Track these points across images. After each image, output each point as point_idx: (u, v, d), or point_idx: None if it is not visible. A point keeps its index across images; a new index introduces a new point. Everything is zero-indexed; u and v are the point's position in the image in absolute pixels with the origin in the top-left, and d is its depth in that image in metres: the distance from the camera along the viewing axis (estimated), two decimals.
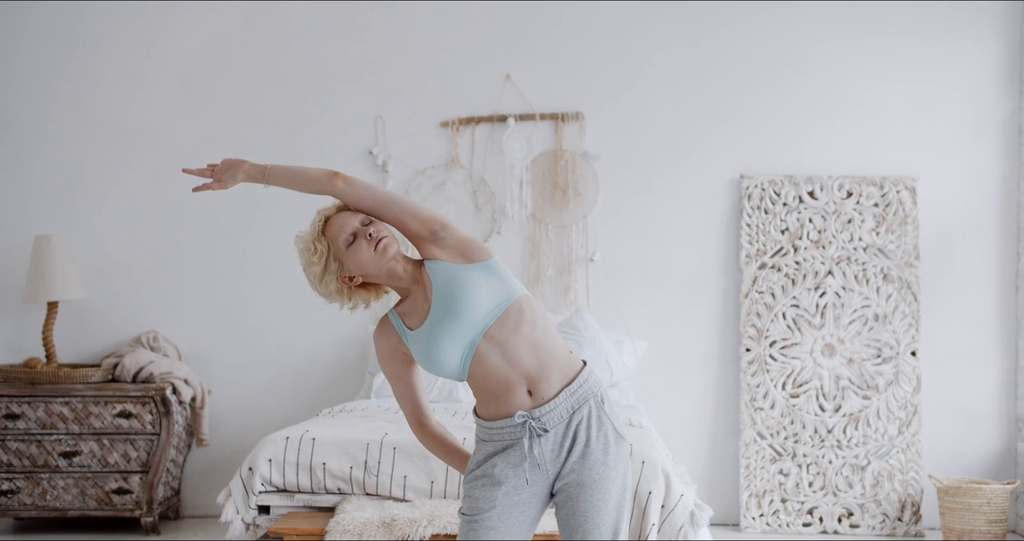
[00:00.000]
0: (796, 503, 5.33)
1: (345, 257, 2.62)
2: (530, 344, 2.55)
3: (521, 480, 2.54)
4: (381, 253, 2.61)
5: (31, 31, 5.60)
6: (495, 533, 2.53)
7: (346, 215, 2.65)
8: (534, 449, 2.52)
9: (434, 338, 2.56)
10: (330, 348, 5.58)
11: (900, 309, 5.36)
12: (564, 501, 2.57)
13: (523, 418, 2.52)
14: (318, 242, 2.63)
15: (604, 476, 2.54)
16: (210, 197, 5.59)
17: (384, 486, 3.90)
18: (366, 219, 2.65)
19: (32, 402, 5.13)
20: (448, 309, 2.55)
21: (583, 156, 5.50)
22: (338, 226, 2.63)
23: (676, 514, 3.74)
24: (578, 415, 2.55)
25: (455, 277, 2.58)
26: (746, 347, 5.41)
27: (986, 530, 4.93)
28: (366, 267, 2.62)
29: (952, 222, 5.45)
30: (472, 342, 2.54)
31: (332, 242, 2.62)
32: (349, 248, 2.61)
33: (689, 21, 5.52)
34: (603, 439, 2.56)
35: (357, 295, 2.69)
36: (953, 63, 5.46)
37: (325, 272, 2.63)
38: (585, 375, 2.59)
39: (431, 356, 2.57)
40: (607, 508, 2.55)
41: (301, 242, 2.66)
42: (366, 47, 5.59)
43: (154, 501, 5.12)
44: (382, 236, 2.61)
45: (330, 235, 2.63)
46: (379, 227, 2.64)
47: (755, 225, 5.43)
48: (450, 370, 2.57)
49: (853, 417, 5.33)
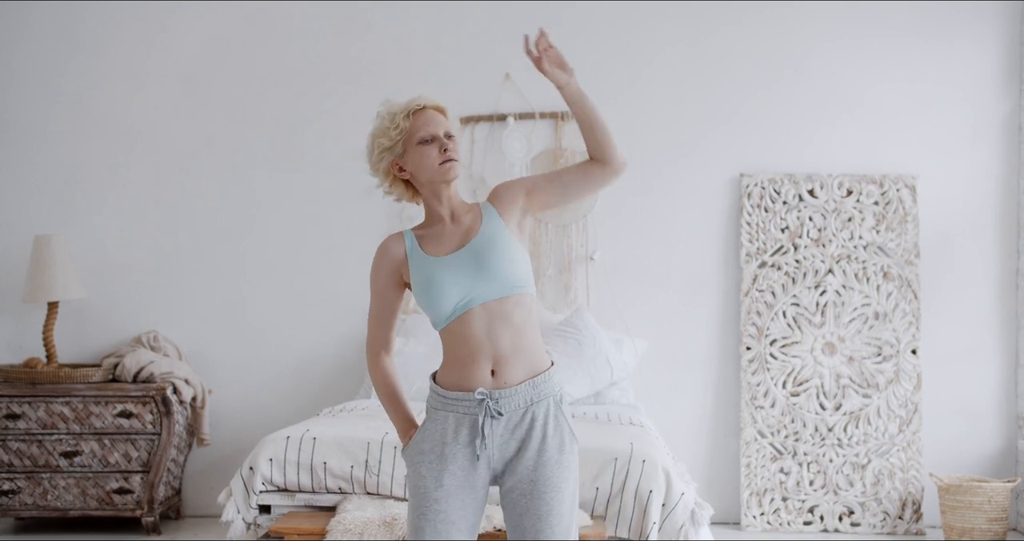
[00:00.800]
0: (797, 502, 5.33)
1: (412, 150, 2.61)
2: (514, 331, 2.55)
3: (468, 459, 2.53)
4: (443, 169, 2.60)
5: (31, 30, 5.61)
6: (444, 516, 2.51)
7: (439, 116, 2.64)
8: (485, 428, 2.51)
9: (447, 274, 2.55)
10: (330, 348, 5.58)
11: (900, 307, 5.36)
12: (517, 500, 2.54)
13: (482, 396, 2.51)
14: (404, 119, 2.61)
15: (558, 475, 2.53)
16: (210, 197, 5.61)
17: (385, 485, 3.90)
18: (452, 132, 2.63)
19: (33, 402, 5.13)
20: (477, 259, 2.55)
21: (583, 155, 5.50)
22: (425, 120, 2.62)
23: (677, 513, 3.74)
24: (536, 409, 2.54)
25: (502, 238, 2.58)
26: (746, 346, 5.41)
27: (987, 528, 4.93)
28: (422, 171, 2.61)
29: (952, 220, 5.45)
30: (471, 301, 2.54)
31: (412, 128, 2.61)
32: (420, 145, 2.60)
33: (689, 20, 5.52)
34: (558, 438, 2.55)
35: (397, 185, 2.69)
36: (953, 62, 5.46)
37: (390, 150, 2.63)
38: (551, 373, 2.60)
39: (432, 287, 2.55)
40: (560, 509, 2.53)
41: (387, 110, 2.63)
42: (366, 46, 5.59)
43: (155, 501, 5.12)
44: (453, 158, 2.60)
45: (415, 122, 2.61)
46: (456, 147, 2.62)
47: (755, 223, 5.44)
48: (436, 310, 2.56)
49: (854, 415, 5.33)
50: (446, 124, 2.64)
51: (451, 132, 2.63)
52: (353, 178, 5.58)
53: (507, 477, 2.55)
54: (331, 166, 5.60)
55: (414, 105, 2.62)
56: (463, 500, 2.53)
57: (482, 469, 2.54)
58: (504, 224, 2.61)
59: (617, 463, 3.80)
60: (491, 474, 2.57)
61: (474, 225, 2.62)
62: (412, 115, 2.61)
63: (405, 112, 2.61)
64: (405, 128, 2.60)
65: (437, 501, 2.51)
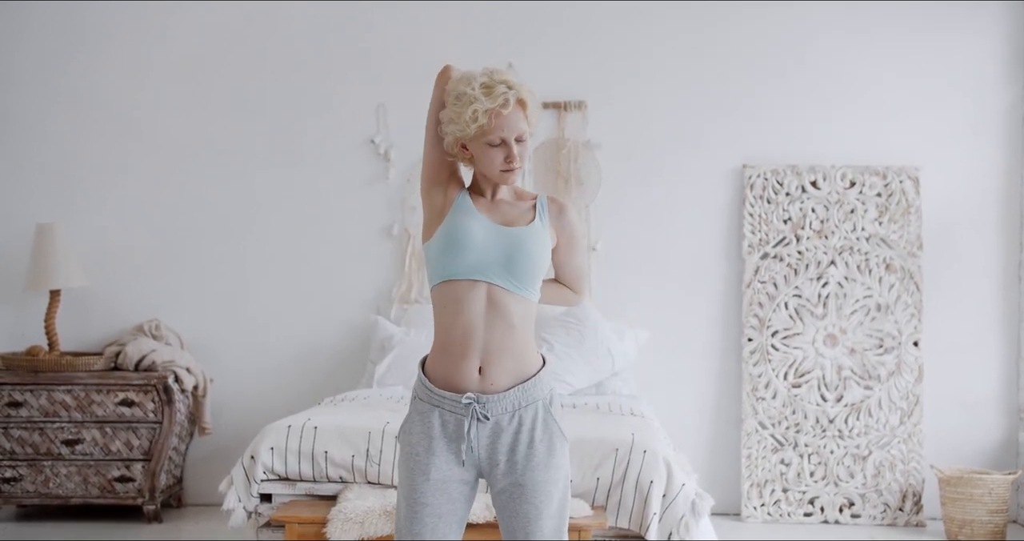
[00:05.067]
0: (797, 493, 5.33)
1: (480, 144, 2.53)
2: (508, 327, 2.52)
3: (455, 455, 2.52)
4: (502, 176, 2.56)
5: (34, 23, 5.60)
6: (431, 510, 2.51)
7: (519, 116, 2.53)
8: (471, 432, 2.50)
9: (480, 233, 2.52)
10: (332, 337, 5.59)
11: (902, 299, 5.35)
12: (507, 502, 2.53)
13: (469, 401, 2.49)
14: (483, 115, 2.49)
15: (547, 478, 2.52)
16: (212, 186, 5.60)
17: (386, 474, 3.90)
18: (524, 135, 2.55)
19: (35, 390, 5.14)
20: (512, 244, 2.52)
21: (585, 145, 5.49)
22: (501, 124, 2.51)
23: (677, 504, 3.74)
24: (524, 413, 2.52)
25: (543, 244, 2.57)
26: (748, 337, 5.40)
27: (987, 520, 4.93)
28: (482, 165, 2.56)
29: (955, 212, 5.44)
30: (482, 273, 2.50)
31: (488, 127, 2.50)
32: (489, 146, 2.53)
33: (692, 10, 5.50)
34: (547, 441, 2.53)
35: (457, 148, 2.58)
36: (956, 54, 5.45)
37: (462, 130, 2.52)
38: (542, 375, 2.57)
39: (459, 231, 2.51)
40: (549, 510, 2.52)
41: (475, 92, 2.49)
42: (369, 36, 5.58)
43: (156, 489, 5.13)
44: (515, 167, 2.55)
45: (493, 122, 2.50)
46: (523, 155, 2.55)
47: (757, 215, 5.43)
48: (449, 258, 2.52)
49: (855, 407, 5.33)
50: (522, 125, 2.54)
51: (524, 136, 2.54)
52: (355, 166, 5.59)
53: (497, 479, 2.54)
54: (333, 154, 5.59)
55: (499, 103, 2.49)
56: (450, 494, 2.53)
57: (469, 466, 2.54)
58: (549, 236, 2.60)
59: (618, 454, 3.80)
60: (478, 471, 2.56)
61: (524, 215, 2.59)
62: (494, 116, 2.51)
63: (488, 111, 2.50)
64: (483, 124, 2.50)
65: (424, 494, 2.52)
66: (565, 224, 2.65)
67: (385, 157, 5.55)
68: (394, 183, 5.56)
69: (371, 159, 5.57)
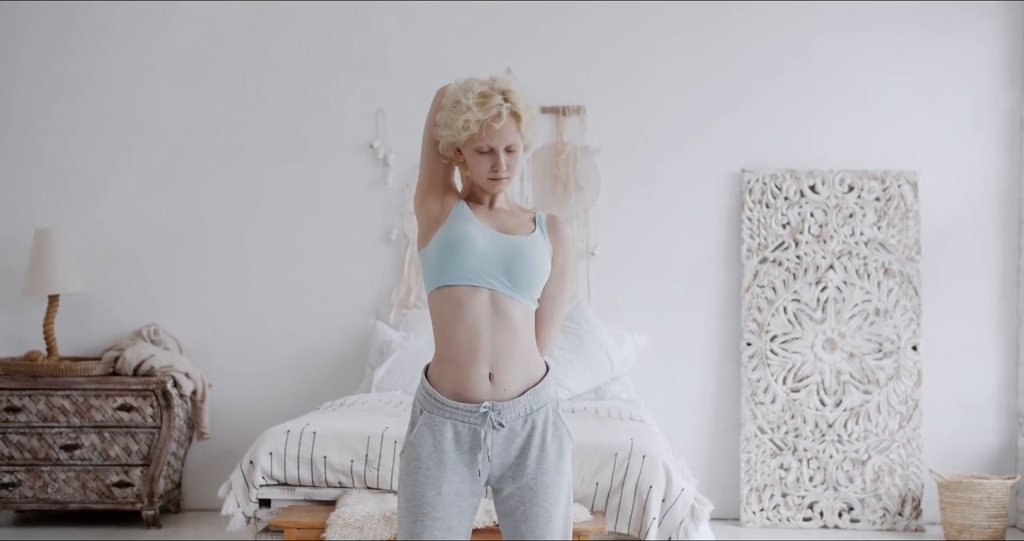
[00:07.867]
0: (796, 498, 5.33)
1: (470, 152, 2.53)
2: (512, 331, 2.50)
3: (468, 467, 2.49)
4: (489, 183, 2.55)
5: (33, 21, 5.60)
6: (441, 523, 2.48)
7: (511, 127, 2.52)
8: (487, 440, 2.48)
9: (479, 238, 2.51)
10: (331, 341, 5.58)
11: (901, 304, 5.35)
12: (516, 506, 2.51)
13: (487, 409, 2.47)
14: (474, 124, 2.48)
15: (557, 481, 2.51)
16: (211, 190, 5.60)
17: (385, 480, 3.90)
18: (516, 146, 2.54)
19: (33, 395, 5.14)
20: (513, 252, 2.51)
21: (584, 150, 5.49)
22: (492, 133, 2.50)
23: (676, 508, 3.74)
24: (536, 417, 2.52)
25: (544, 255, 2.55)
26: (747, 341, 5.41)
27: (986, 525, 4.93)
28: (472, 172, 2.56)
29: (953, 217, 5.44)
30: (483, 279, 2.49)
31: (479, 136, 2.50)
32: (478, 153, 2.52)
33: (690, 13, 5.51)
34: (557, 443, 2.53)
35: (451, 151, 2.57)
36: (955, 57, 5.46)
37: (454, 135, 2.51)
38: (548, 379, 2.57)
39: (459, 236, 2.50)
40: (558, 512, 2.52)
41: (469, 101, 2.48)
42: (368, 39, 5.59)
43: (155, 494, 5.12)
44: (502, 177, 2.54)
45: (484, 131, 2.49)
46: (512, 166, 2.54)
47: (756, 219, 5.43)
48: (449, 262, 2.50)
49: (854, 412, 5.33)
50: (514, 137, 2.53)
51: (515, 147, 2.53)
52: (354, 170, 5.59)
53: (505, 483, 2.53)
54: (332, 158, 5.60)
55: (491, 116, 2.49)
56: (460, 506, 2.51)
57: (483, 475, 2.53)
58: (548, 251, 2.58)
59: (617, 458, 3.80)
60: (487, 479, 2.54)
61: (524, 226, 2.59)
62: (485, 127, 2.50)
63: (480, 121, 2.49)
64: (474, 132, 2.50)
65: (435, 508, 2.48)
66: (561, 241, 2.63)
67: (384, 162, 5.56)
68: (393, 188, 5.57)
69: (370, 164, 5.57)
